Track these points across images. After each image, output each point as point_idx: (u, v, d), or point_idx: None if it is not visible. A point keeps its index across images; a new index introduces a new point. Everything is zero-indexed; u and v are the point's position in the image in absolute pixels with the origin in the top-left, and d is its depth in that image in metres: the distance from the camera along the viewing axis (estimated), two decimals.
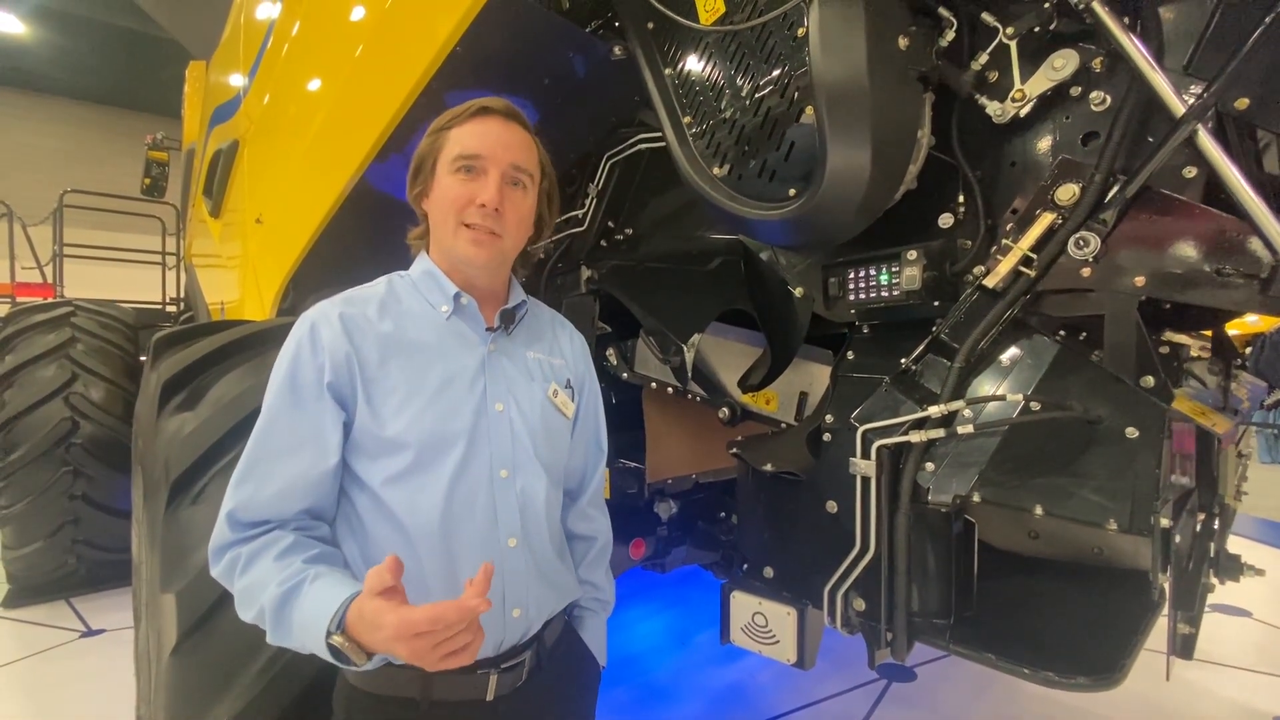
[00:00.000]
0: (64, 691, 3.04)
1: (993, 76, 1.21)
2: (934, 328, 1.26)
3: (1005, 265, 1.16)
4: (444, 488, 0.98)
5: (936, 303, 1.29)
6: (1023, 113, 1.17)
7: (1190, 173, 1.04)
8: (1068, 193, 1.12)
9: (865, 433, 1.23)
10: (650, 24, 1.55)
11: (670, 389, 1.84)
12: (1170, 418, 1.04)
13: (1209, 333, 1.74)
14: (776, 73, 1.26)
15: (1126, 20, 1.04)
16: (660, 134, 1.51)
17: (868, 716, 2.80)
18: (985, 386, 1.20)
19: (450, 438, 0.99)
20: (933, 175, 1.28)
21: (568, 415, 1.16)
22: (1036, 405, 1.11)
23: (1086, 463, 1.06)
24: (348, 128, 1.99)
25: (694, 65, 1.46)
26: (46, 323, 4.21)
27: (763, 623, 1.44)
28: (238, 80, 3.27)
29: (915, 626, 1.20)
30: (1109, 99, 1.11)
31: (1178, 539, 1.07)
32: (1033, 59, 1.15)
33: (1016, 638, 1.14)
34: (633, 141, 1.86)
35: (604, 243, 2.02)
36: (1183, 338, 1.45)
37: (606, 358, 1.95)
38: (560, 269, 2.08)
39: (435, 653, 0.78)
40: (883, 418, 1.23)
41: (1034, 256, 1.13)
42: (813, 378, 1.61)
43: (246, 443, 0.97)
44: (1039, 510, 1.06)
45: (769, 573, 1.45)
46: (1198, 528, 1.51)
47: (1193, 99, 1.00)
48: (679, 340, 1.59)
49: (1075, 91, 1.15)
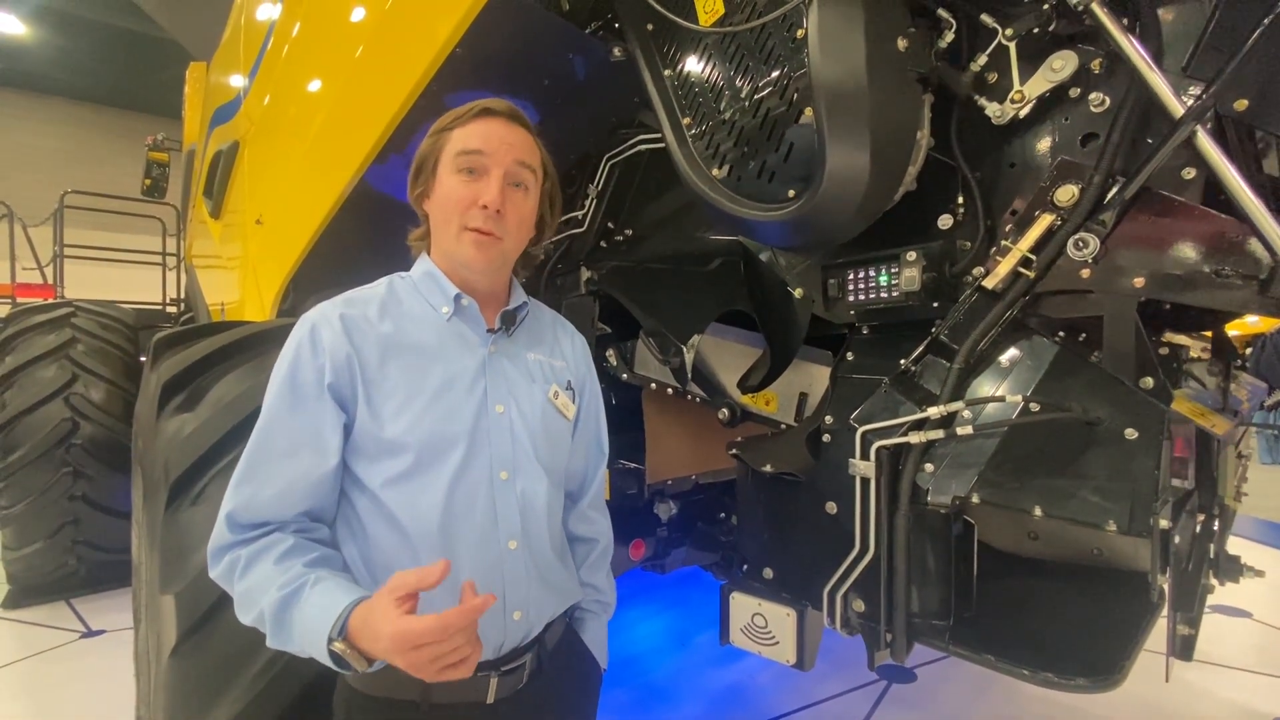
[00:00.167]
0: (64, 692, 3.05)
1: (992, 78, 1.21)
2: (933, 329, 1.26)
3: (1004, 266, 1.16)
4: (444, 489, 0.97)
5: (936, 304, 1.29)
6: (1022, 114, 1.17)
7: (1189, 174, 1.04)
8: (1067, 194, 1.12)
9: (865, 434, 1.23)
10: (650, 25, 1.55)
11: (670, 390, 1.84)
12: (1170, 419, 1.04)
13: (1209, 334, 1.74)
14: (776, 74, 1.26)
15: (1125, 21, 1.04)
16: (660, 135, 1.51)
17: (867, 717, 2.80)
18: (985, 387, 1.20)
19: (450, 439, 0.99)
20: (932, 176, 1.28)
21: (568, 417, 1.15)
22: (1036, 406, 1.11)
23: (1086, 464, 1.06)
24: (348, 129, 1.99)
25: (693, 66, 1.46)
26: (47, 323, 4.21)
27: (762, 624, 1.44)
28: (238, 81, 3.27)
29: (915, 627, 1.20)
30: (1108, 100, 1.11)
31: (1177, 540, 1.07)
32: (1032, 60, 1.15)
33: (1016, 639, 1.14)
34: (632, 142, 1.86)
35: (604, 243, 2.02)
36: (1182, 339, 1.45)
37: (606, 358, 1.95)
38: (560, 270, 2.08)
39: (433, 665, 0.78)
40: (882, 419, 1.23)
41: (1033, 258, 1.13)
42: (812, 379, 1.61)
43: (246, 444, 0.97)
44: (1038, 511, 1.06)
45: (769, 574, 1.45)
46: (1197, 529, 1.51)
47: (1192, 100, 1.00)
48: (679, 341, 1.59)
49: (1074, 93, 1.15)
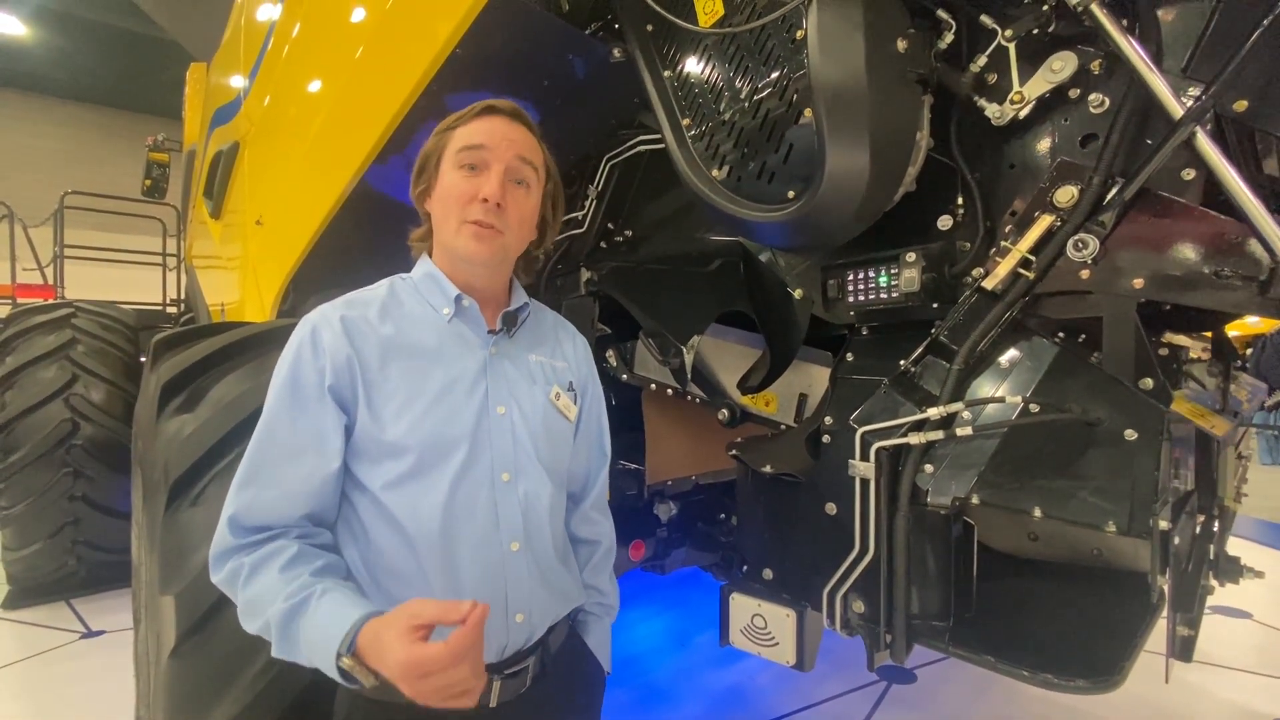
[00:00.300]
0: (64, 693, 3.04)
1: (991, 79, 1.21)
2: (933, 329, 1.26)
3: (1004, 267, 1.16)
4: (445, 491, 0.96)
5: (935, 304, 1.29)
6: (1021, 115, 1.17)
7: (1189, 175, 1.04)
8: (1066, 195, 1.12)
9: (864, 434, 1.23)
10: (649, 26, 1.55)
11: (670, 391, 1.84)
12: (1169, 420, 1.04)
13: (1209, 334, 1.74)
14: (775, 75, 1.26)
15: (1125, 22, 1.04)
16: (659, 136, 1.51)
17: (867, 718, 2.80)
18: (984, 388, 1.20)
19: (451, 441, 0.98)
20: (932, 177, 1.28)
21: (570, 418, 1.15)
22: (1035, 407, 1.11)
23: (1085, 465, 1.06)
24: (348, 129, 1.99)
25: (693, 67, 1.46)
26: (47, 324, 4.21)
27: (762, 624, 1.44)
28: (238, 82, 3.27)
29: (914, 628, 1.20)
30: (1107, 101, 1.11)
31: (1177, 541, 1.07)
32: (1031, 61, 1.15)
33: (1015, 640, 1.14)
34: (632, 143, 1.86)
35: (603, 244, 2.02)
36: (1182, 339, 1.45)
37: (606, 359, 1.95)
38: (560, 270, 2.08)
39: (438, 694, 0.78)
40: (882, 419, 1.23)
41: (1033, 258, 1.13)
42: (812, 379, 1.61)
43: (246, 445, 0.97)
44: (1038, 512, 1.06)
45: (768, 574, 1.45)
46: (1197, 530, 1.51)
47: (1191, 101, 1.00)
48: (678, 342, 1.59)
49: (1074, 93, 1.15)
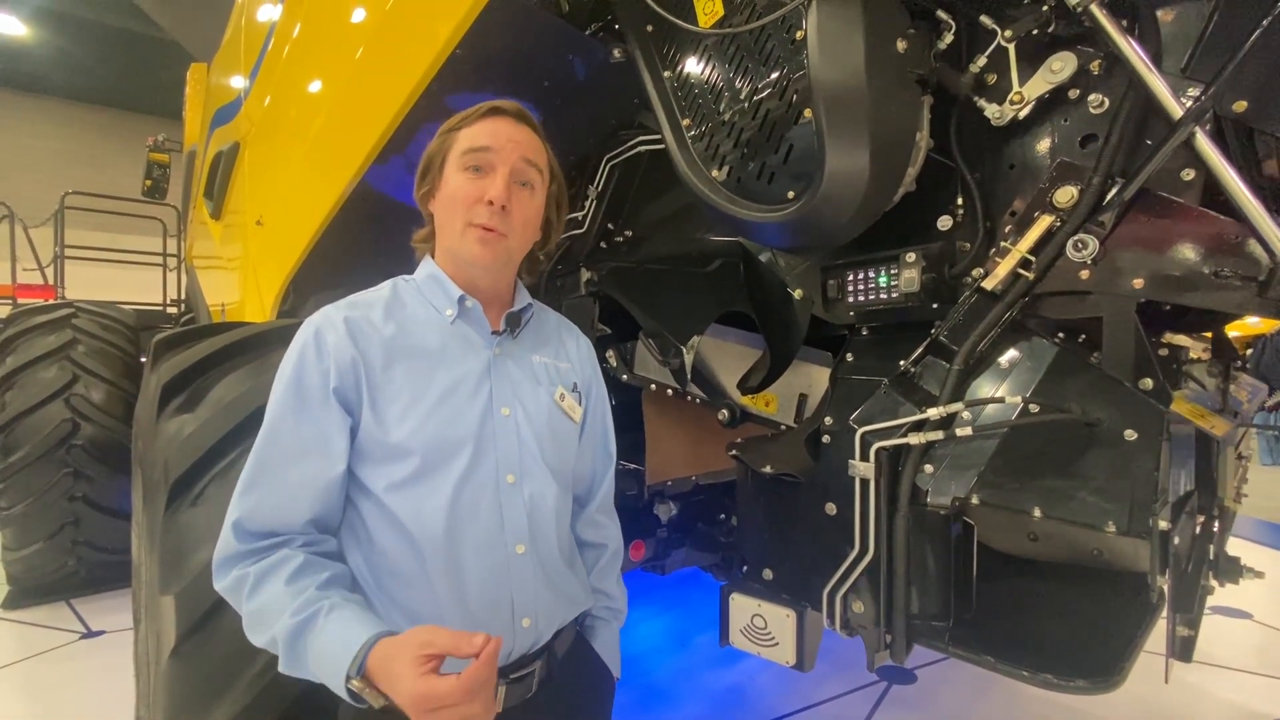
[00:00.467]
0: (64, 693, 3.04)
1: (991, 79, 1.21)
2: (933, 330, 1.26)
3: (1004, 267, 1.16)
4: (449, 494, 0.96)
5: (935, 305, 1.29)
6: (1021, 115, 1.17)
7: (1188, 175, 1.04)
8: (1066, 195, 1.12)
9: (864, 435, 1.23)
10: (649, 27, 1.55)
11: (670, 391, 1.84)
12: (1169, 420, 1.04)
13: (1209, 335, 1.74)
14: (775, 75, 1.26)
15: (1124, 23, 1.04)
16: (659, 136, 1.51)
17: (867, 719, 2.80)
18: (984, 389, 1.20)
19: (455, 443, 0.98)
20: (931, 177, 1.28)
21: (575, 419, 1.14)
22: (1035, 407, 1.11)
23: (1085, 465, 1.06)
24: (348, 130, 1.99)
25: (693, 68, 1.46)
26: (47, 324, 4.21)
27: (762, 625, 1.44)
28: (239, 82, 3.27)
29: (914, 629, 1.20)
30: (1107, 101, 1.11)
31: (1176, 541, 1.07)
32: (1031, 61, 1.15)
33: (1015, 640, 1.14)
34: (632, 144, 1.86)
35: (603, 244, 2.02)
36: (1182, 339, 1.45)
37: (606, 359, 1.95)
38: (560, 270, 2.08)
39: None
40: (882, 420, 1.23)
41: (1033, 259, 1.13)
42: (812, 380, 1.61)
43: (247, 445, 0.97)
44: (1038, 512, 1.06)
45: (768, 575, 1.45)
46: (1197, 530, 1.51)
47: (1190, 101, 1.00)
48: (678, 342, 1.59)
49: (1073, 94, 1.15)
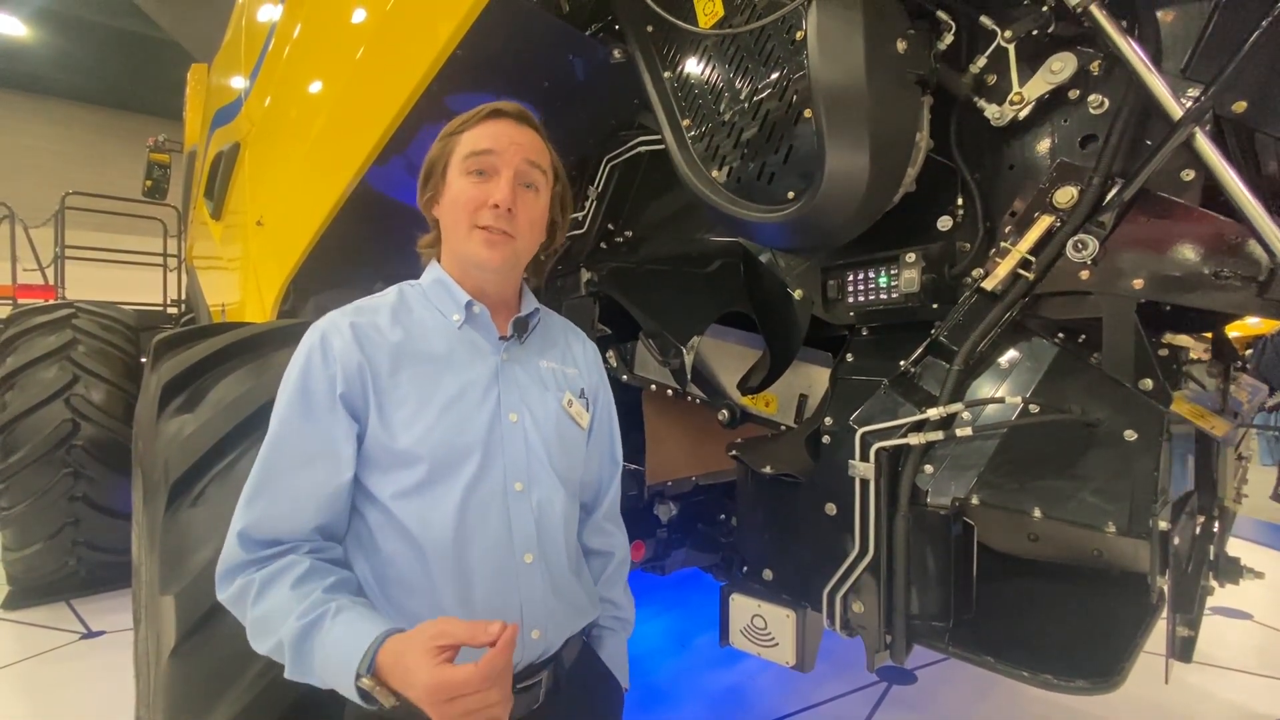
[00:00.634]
0: (64, 693, 3.04)
1: (991, 79, 1.21)
2: (933, 330, 1.26)
3: (1004, 268, 1.16)
4: (457, 501, 0.94)
5: (935, 305, 1.29)
6: (1021, 115, 1.17)
7: (1188, 176, 1.04)
8: (1066, 195, 1.12)
9: (864, 435, 1.23)
10: (649, 27, 1.55)
11: (670, 391, 1.84)
12: (1169, 420, 1.04)
13: (1209, 335, 1.74)
14: (775, 76, 1.27)
15: (1124, 23, 1.04)
16: (659, 136, 1.51)
17: (867, 719, 2.79)
18: (984, 389, 1.20)
19: (463, 450, 0.96)
20: (931, 178, 1.28)
21: (583, 425, 1.12)
22: (1035, 408, 1.11)
23: (1085, 465, 1.06)
24: (348, 130, 1.99)
25: (693, 68, 1.46)
26: (48, 324, 4.21)
27: (762, 625, 1.44)
28: (239, 83, 3.28)
29: (914, 629, 1.20)
30: (1107, 102, 1.11)
31: (1176, 541, 1.07)
32: (1031, 62, 1.16)
33: (1015, 640, 1.14)
34: (632, 144, 1.86)
35: (604, 245, 2.03)
36: (1182, 340, 1.45)
37: (606, 360, 1.95)
38: (560, 271, 2.08)
39: (464, 719, 0.76)
40: (881, 420, 1.23)
41: (1032, 259, 1.13)
42: (812, 380, 1.61)
43: (247, 446, 0.97)
44: (1038, 513, 1.06)
45: (768, 575, 1.45)
46: (1197, 530, 1.51)
47: (1190, 102, 1.00)
48: (678, 342, 1.59)
49: (1073, 94, 1.15)
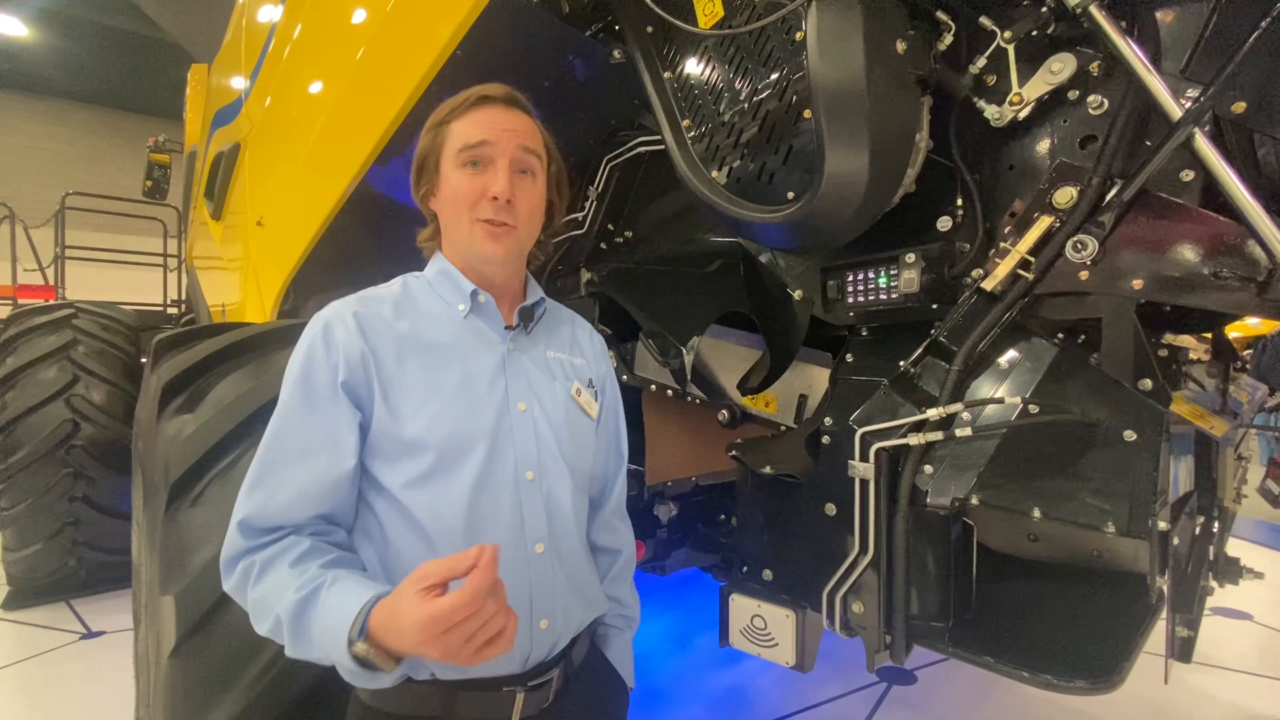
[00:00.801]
0: (64, 693, 3.05)
1: (991, 80, 1.21)
2: (932, 330, 1.26)
3: (1003, 268, 1.16)
4: (467, 491, 0.93)
5: (935, 305, 1.29)
6: (1021, 116, 1.17)
7: (1188, 176, 1.04)
8: (1065, 196, 1.12)
9: (864, 435, 1.23)
10: (649, 28, 1.55)
11: (670, 392, 1.84)
12: (1168, 421, 1.04)
13: (1209, 335, 1.74)
14: (775, 76, 1.27)
15: (1124, 24, 1.05)
16: (659, 137, 1.51)
17: (867, 719, 2.79)
18: (984, 389, 1.20)
19: (472, 438, 0.95)
20: (931, 178, 1.28)
21: (592, 415, 1.11)
22: (1035, 408, 1.11)
23: (1085, 466, 1.06)
24: (348, 131, 2.00)
25: (693, 69, 1.46)
26: (48, 324, 4.21)
27: (762, 625, 1.44)
28: (239, 83, 3.28)
29: (914, 629, 1.20)
30: (1106, 103, 1.11)
31: (1176, 542, 1.07)
32: (1030, 63, 1.16)
33: (1015, 640, 1.14)
34: (632, 144, 1.86)
35: (603, 245, 2.03)
36: (1182, 340, 1.45)
37: None
38: (560, 271, 2.08)
39: (469, 646, 0.73)
40: (881, 420, 1.23)
41: (1032, 259, 1.13)
42: (812, 380, 1.61)
43: (248, 445, 0.96)
44: (1037, 513, 1.06)
45: (768, 575, 1.45)
46: (1197, 531, 1.51)
47: (1190, 103, 1.00)
48: (678, 343, 1.59)
49: (1073, 95, 1.15)
